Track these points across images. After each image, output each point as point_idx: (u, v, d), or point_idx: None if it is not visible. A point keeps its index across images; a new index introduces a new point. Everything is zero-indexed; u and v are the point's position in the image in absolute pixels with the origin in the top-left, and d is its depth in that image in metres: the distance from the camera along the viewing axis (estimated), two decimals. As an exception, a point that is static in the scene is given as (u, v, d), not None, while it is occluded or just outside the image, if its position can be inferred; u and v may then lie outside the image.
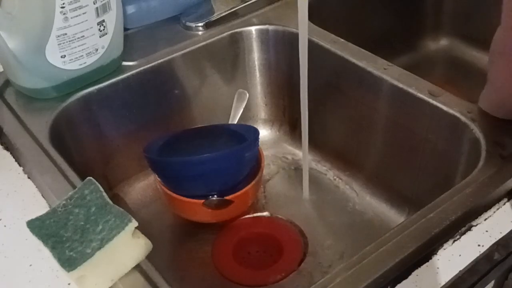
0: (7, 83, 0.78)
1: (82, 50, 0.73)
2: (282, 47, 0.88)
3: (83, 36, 0.72)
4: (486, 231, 0.57)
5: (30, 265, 0.56)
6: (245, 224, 0.82)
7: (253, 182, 0.77)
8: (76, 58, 0.73)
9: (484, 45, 1.08)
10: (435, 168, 0.75)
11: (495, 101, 0.67)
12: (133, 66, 0.80)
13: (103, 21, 0.73)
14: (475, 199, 0.59)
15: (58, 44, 0.71)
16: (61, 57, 0.72)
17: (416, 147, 0.76)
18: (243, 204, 0.80)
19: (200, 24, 0.87)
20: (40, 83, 0.74)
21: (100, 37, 0.74)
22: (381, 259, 0.54)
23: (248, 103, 0.89)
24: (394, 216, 0.81)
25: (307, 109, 0.74)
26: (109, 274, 0.53)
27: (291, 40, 0.84)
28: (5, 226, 0.60)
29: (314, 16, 0.75)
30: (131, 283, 0.53)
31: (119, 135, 0.83)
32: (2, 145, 0.71)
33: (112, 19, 0.75)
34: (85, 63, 0.75)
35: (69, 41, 0.71)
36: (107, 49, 0.76)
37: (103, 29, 0.74)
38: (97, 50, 0.75)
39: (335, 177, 0.88)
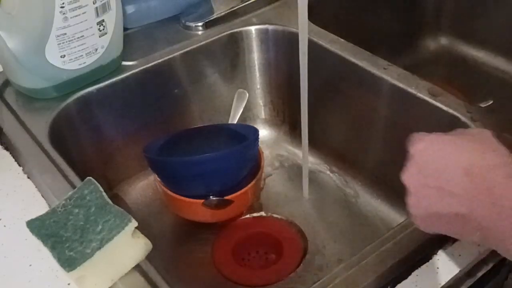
0: (7, 83, 0.78)
1: (82, 50, 0.73)
2: (282, 47, 0.88)
3: (83, 36, 0.72)
4: (486, 231, 0.57)
5: (30, 265, 0.56)
6: (245, 224, 0.82)
7: (252, 182, 0.76)
8: (76, 58, 0.73)
9: (484, 45, 1.09)
10: (435, 168, 0.75)
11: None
12: (132, 66, 0.80)
13: (103, 21, 0.73)
14: (475, 199, 0.59)
15: (58, 44, 0.71)
16: (61, 57, 0.72)
17: (416, 147, 0.76)
18: (243, 204, 0.80)
19: (199, 24, 0.86)
20: (40, 83, 0.74)
21: (99, 37, 0.74)
22: (381, 259, 0.54)
23: (248, 103, 0.89)
24: (394, 216, 0.81)
25: (307, 109, 0.74)
26: (109, 274, 0.53)
27: (291, 40, 0.83)
28: (5, 226, 0.60)
29: (314, 16, 0.75)
30: (131, 283, 0.53)
31: (118, 135, 0.83)
32: (2, 145, 0.71)
33: (111, 19, 0.75)
34: (84, 63, 0.75)
35: (69, 41, 0.71)
36: (107, 49, 0.76)
37: (103, 29, 0.74)
38: (96, 50, 0.75)
39: (335, 177, 0.88)
